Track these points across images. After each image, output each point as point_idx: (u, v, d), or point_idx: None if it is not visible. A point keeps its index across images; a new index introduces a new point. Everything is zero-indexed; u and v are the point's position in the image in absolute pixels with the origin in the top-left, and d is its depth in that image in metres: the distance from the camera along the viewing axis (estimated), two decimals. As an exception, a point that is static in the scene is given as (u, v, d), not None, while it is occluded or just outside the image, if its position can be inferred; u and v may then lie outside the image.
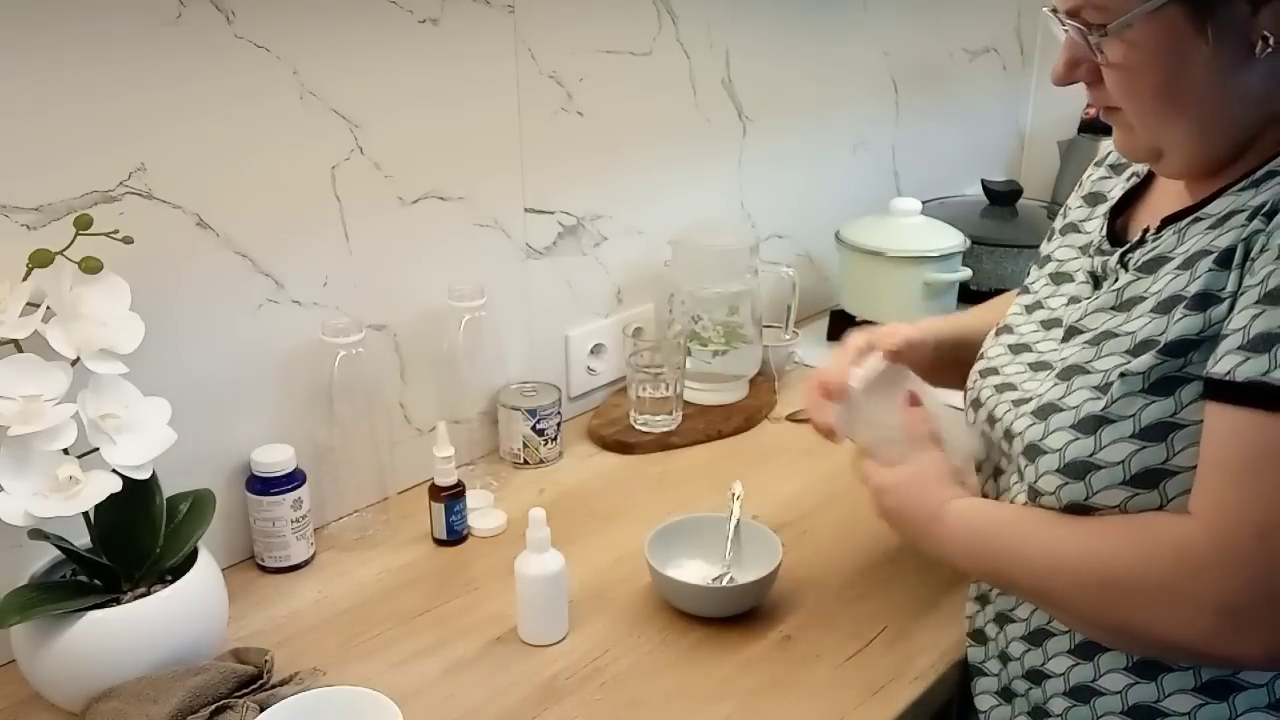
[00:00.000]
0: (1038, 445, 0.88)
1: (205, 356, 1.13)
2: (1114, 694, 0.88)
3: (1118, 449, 0.82)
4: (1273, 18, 0.77)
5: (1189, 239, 0.85)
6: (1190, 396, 0.80)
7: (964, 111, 2.20)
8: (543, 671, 1.03)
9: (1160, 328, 0.82)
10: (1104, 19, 0.80)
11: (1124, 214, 0.98)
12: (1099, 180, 1.04)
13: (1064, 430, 0.86)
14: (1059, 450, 0.85)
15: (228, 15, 1.07)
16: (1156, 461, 0.81)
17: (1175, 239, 0.86)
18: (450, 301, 1.30)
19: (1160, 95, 0.82)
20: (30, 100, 0.97)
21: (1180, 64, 0.79)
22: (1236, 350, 0.76)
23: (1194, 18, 0.77)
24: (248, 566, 1.20)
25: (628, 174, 1.52)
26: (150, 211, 1.06)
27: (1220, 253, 0.80)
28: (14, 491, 0.89)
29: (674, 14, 1.51)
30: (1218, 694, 0.84)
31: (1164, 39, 0.79)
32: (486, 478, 1.36)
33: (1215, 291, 0.79)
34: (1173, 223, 0.87)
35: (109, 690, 0.92)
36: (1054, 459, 0.86)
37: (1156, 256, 0.87)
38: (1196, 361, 0.80)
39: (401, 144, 1.25)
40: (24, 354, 0.92)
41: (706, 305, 1.53)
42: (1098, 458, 0.83)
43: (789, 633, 1.09)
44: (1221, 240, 0.81)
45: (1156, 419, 0.81)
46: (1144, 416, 0.81)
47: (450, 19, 1.25)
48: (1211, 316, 0.79)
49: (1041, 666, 0.93)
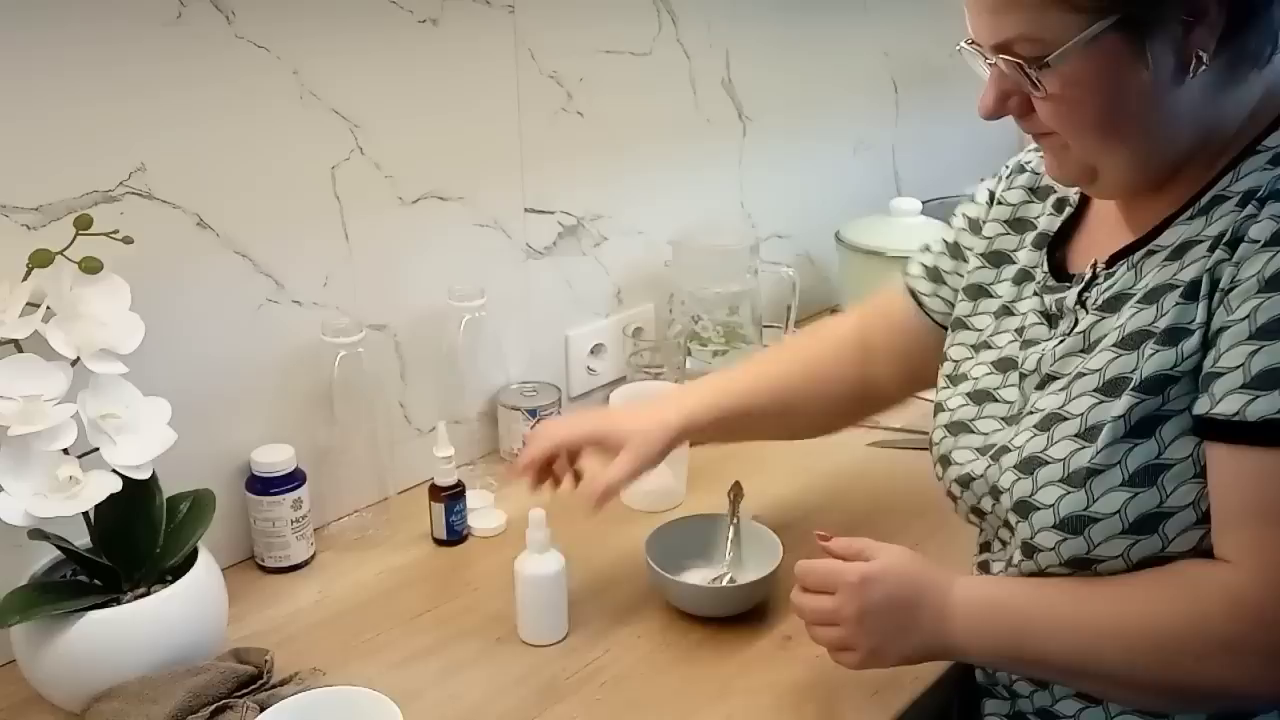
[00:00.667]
0: (1028, 501, 0.85)
1: (205, 356, 1.13)
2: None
3: (1111, 499, 0.81)
4: (1205, 35, 0.77)
5: (1146, 273, 0.84)
6: (1172, 434, 0.80)
7: (964, 111, 2.19)
8: (543, 671, 1.03)
9: (1130, 364, 0.82)
10: (1039, 51, 0.78)
11: (1061, 247, 0.96)
12: (1021, 207, 1.01)
13: (1054, 485, 0.84)
14: (1051, 506, 0.84)
15: (228, 15, 1.07)
16: (1152, 506, 0.80)
17: (1132, 275, 0.85)
18: (450, 301, 1.30)
19: (1101, 122, 0.81)
20: (30, 100, 0.97)
21: (1119, 89, 0.79)
22: (1240, 390, 0.75)
23: (1132, 42, 0.76)
24: (248, 566, 1.20)
25: (628, 174, 1.52)
26: (150, 211, 1.06)
27: (1185, 286, 0.80)
28: (14, 491, 0.89)
29: (674, 14, 1.51)
30: None
31: (1103, 66, 0.78)
32: (486, 478, 1.36)
33: (1185, 324, 0.79)
34: (1124, 257, 0.87)
35: (109, 690, 0.92)
36: (1048, 515, 0.84)
37: (1116, 294, 0.86)
38: (1175, 398, 0.79)
39: (401, 144, 1.25)
40: (24, 354, 0.92)
41: (706, 305, 1.53)
42: (1093, 510, 0.82)
43: (789, 633, 1.08)
44: (1185, 274, 0.81)
45: (1143, 463, 0.80)
46: (1130, 462, 0.80)
47: (450, 19, 1.25)
48: (1184, 350, 0.79)
49: (1051, 708, 0.92)
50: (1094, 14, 0.76)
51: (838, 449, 1.25)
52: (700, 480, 1.35)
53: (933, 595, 0.88)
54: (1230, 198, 0.80)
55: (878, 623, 0.88)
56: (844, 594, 0.89)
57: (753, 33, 1.65)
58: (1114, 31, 0.76)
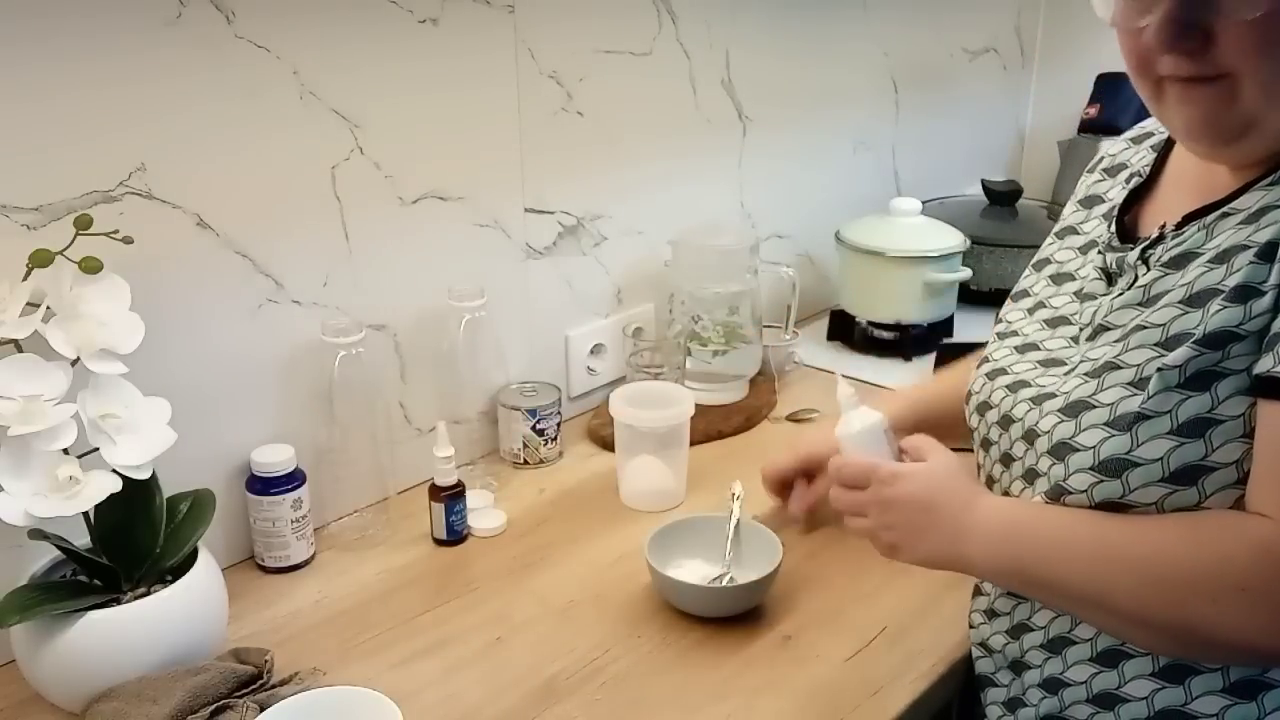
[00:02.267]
0: (1068, 443, 0.86)
1: (205, 356, 1.13)
2: (1140, 700, 0.86)
3: (1155, 446, 0.81)
4: None
5: (1219, 234, 0.84)
6: (1227, 391, 0.79)
7: (964, 111, 2.20)
8: (543, 671, 1.03)
9: (1194, 321, 0.81)
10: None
11: (1129, 213, 0.97)
12: (1093, 185, 1.03)
13: (1098, 428, 0.84)
14: (1093, 448, 0.84)
15: (228, 15, 1.07)
16: (1195, 458, 0.80)
17: (1203, 235, 0.85)
18: (450, 301, 1.30)
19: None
20: (31, 100, 0.97)
21: None
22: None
23: None
24: (248, 566, 1.20)
25: (628, 174, 1.52)
26: (150, 211, 1.06)
27: (1261, 246, 0.79)
28: (14, 491, 0.89)
29: (674, 14, 1.51)
30: (1246, 694, 0.83)
31: None
32: (486, 478, 1.36)
33: (1256, 284, 0.78)
34: (1197, 218, 0.86)
35: (109, 690, 0.92)
36: (1087, 456, 0.84)
37: (1184, 252, 0.86)
38: (1235, 355, 0.79)
39: (401, 144, 1.25)
40: (24, 354, 0.92)
41: (706, 305, 1.53)
42: (1135, 455, 0.82)
43: (789, 633, 1.09)
44: (1261, 235, 0.80)
45: (1194, 415, 0.80)
46: (1181, 412, 0.80)
47: (450, 19, 1.25)
48: (1252, 309, 0.78)
49: (1061, 675, 0.91)
50: None
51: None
52: (700, 480, 1.35)
53: (954, 504, 0.91)
54: None
55: (898, 518, 0.93)
56: (874, 489, 0.94)
57: (753, 33, 1.65)
58: None
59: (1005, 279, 1.81)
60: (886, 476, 0.94)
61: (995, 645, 0.98)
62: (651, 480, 1.31)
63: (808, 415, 1.52)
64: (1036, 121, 2.39)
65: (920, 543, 0.92)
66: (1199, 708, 0.84)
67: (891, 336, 1.74)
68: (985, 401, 0.98)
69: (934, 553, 0.92)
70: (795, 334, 1.64)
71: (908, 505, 0.93)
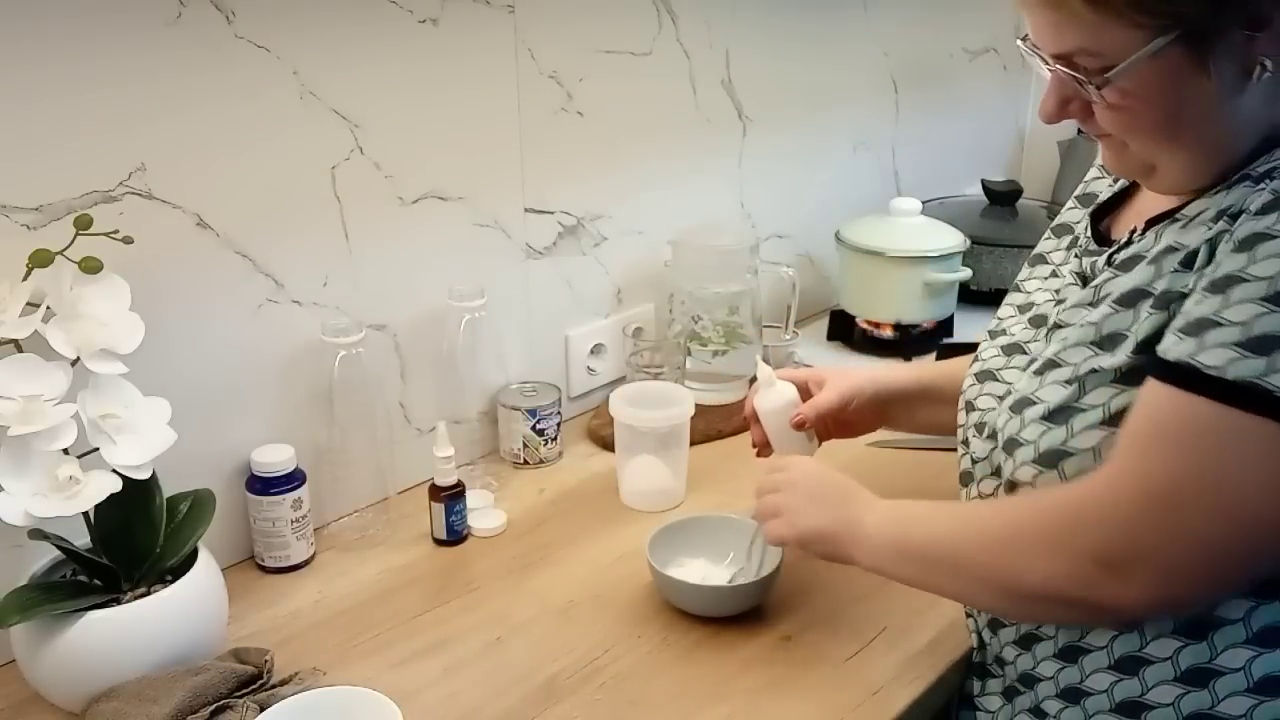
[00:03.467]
0: (1015, 438, 0.89)
1: (205, 356, 1.13)
2: (1101, 693, 0.89)
3: (1088, 436, 0.84)
4: (1269, 42, 0.77)
5: (1162, 238, 0.86)
6: None
7: (964, 111, 2.20)
8: (543, 671, 1.03)
9: (1126, 321, 0.84)
10: (1100, 64, 0.79)
11: (1110, 215, 0.99)
12: (1093, 180, 1.05)
13: (1036, 422, 0.87)
14: (1034, 442, 0.87)
15: (228, 15, 1.07)
16: None
17: (1152, 238, 0.87)
18: (450, 301, 1.30)
19: (1161, 128, 0.82)
20: (31, 100, 0.97)
21: (1180, 99, 0.80)
22: (1176, 331, 0.78)
23: (1194, 55, 0.77)
24: (248, 566, 1.20)
25: (628, 174, 1.52)
26: (150, 211, 1.06)
27: (1186, 253, 0.82)
28: (14, 491, 0.89)
29: (674, 14, 1.51)
30: (1197, 681, 0.84)
31: (1164, 78, 0.79)
32: (486, 478, 1.36)
33: (1179, 290, 0.81)
34: (1154, 225, 0.88)
35: (109, 690, 0.92)
36: (1029, 450, 0.87)
37: (1133, 255, 0.88)
38: None
39: (401, 144, 1.25)
40: (24, 354, 0.92)
41: (706, 305, 1.53)
42: (1069, 445, 0.85)
43: (789, 633, 1.09)
44: (1187, 238, 0.82)
45: (1126, 405, 0.82)
46: (1113, 405, 0.83)
47: (450, 19, 1.25)
48: (1174, 312, 0.81)
49: (1033, 670, 0.94)
50: (1155, 30, 0.76)
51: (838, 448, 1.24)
52: (700, 480, 1.35)
53: (862, 492, 0.98)
54: (1252, 176, 0.81)
55: (807, 486, 1.00)
56: (794, 467, 1.03)
57: (753, 33, 1.65)
58: (1176, 45, 0.77)
59: (1005, 279, 1.81)
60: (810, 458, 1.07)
61: (985, 639, 1.00)
62: (651, 480, 1.31)
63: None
64: (1036, 121, 2.37)
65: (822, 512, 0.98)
66: (1155, 698, 0.86)
67: (891, 336, 1.74)
68: (970, 403, 1.01)
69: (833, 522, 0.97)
70: (795, 334, 1.64)
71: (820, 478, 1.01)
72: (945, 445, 1.43)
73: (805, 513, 0.99)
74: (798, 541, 0.99)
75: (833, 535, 0.97)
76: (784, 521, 1.00)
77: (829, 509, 0.98)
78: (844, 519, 0.96)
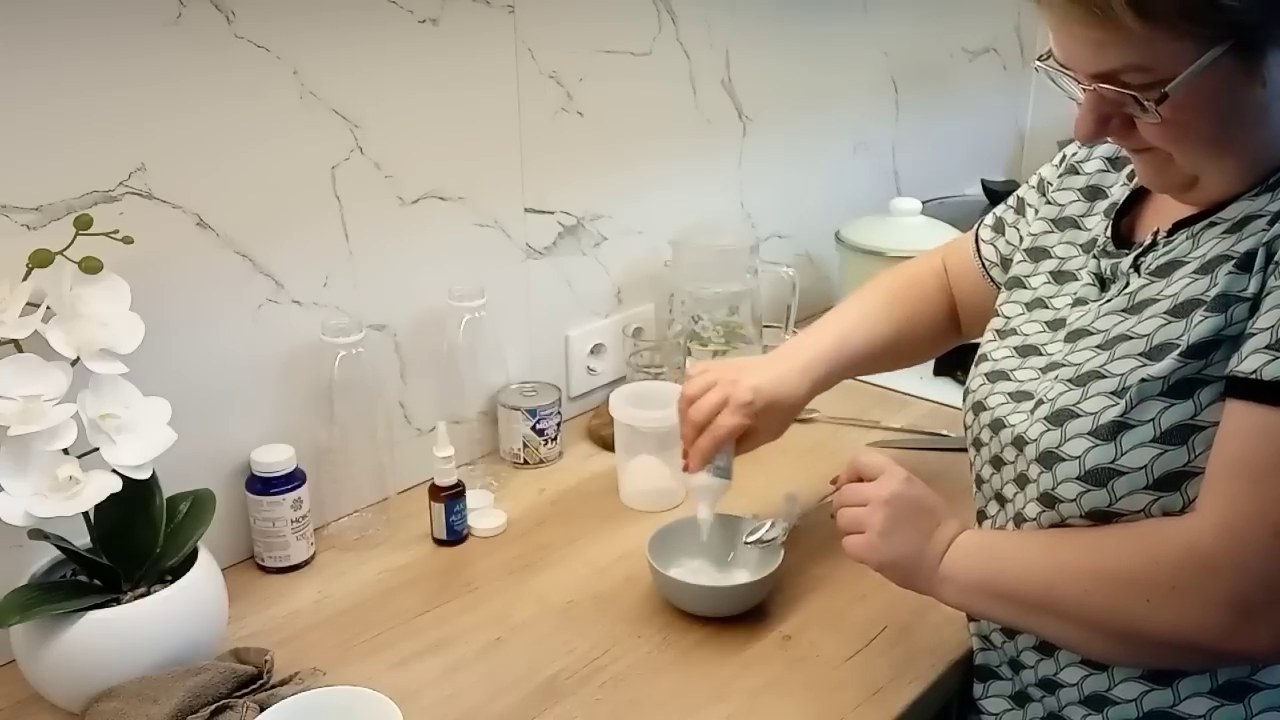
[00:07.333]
0: (1054, 452, 0.86)
1: (205, 356, 1.13)
2: (1129, 702, 0.88)
3: (1139, 454, 0.82)
4: None
5: (1204, 243, 0.84)
6: (1209, 398, 0.80)
7: (964, 111, 2.20)
8: (543, 671, 1.03)
9: (1177, 331, 0.82)
10: (1149, 79, 0.77)
11: (1127, 215, 0.97)
12: (1098, 173, 1.02)
13: (1082, 437, 0.85)
14: (1078, 457, 0.84)
15: (228, 15, 1.07)
16: (1178, 464, 0.81)
17: (1190, 243, 0.86)
18: (450, 301, 1.30)
19: (1213, 138, 0.81)
20: (31, 100, 0.97)
21: (1233, 108, 0.78)
22: (1264, 350, 0.76)
23: (1246, 63, 0.76)
24: (248, 566, 1.20)
25: (628, 174, 1.52)
26: (150, 211, 1.06)
27: (1240, 257, 0.80)
28: (14, 491, 0.89)
29: (674, 14, 1.51)
30: (1234, 695, 0.84)
31: (1217, 89, 0.77)
32: (486, 478, 1.36)
33: (1236, 293, 0.79)
34: (1185, 226, 0.87)
35: (109, 690, 0.92)
36: (1073, 466, 0.85)
37: (1171, 261, 0.86)
38: (1216, 362, 0.79)
39: (401, 144, 1.25)
40: (24, 354, 0.92)
41: (706, 305, 1.53)
42: (1119, 464, 0.82)
43: (789, 633, 1.09)
44: (1241, 245, 0.81)
45: (1176, 422, 0.81)
46: (1164, 420, 0.81)
47: (450, 19, 1.25)
48: (1232, 316, 0.79)
49: (1055, 676, 0.93)
50: (1205, 41, 0.75)
51: (838, 448, 1.25)
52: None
53: (948, 522, 0.93)
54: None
55: (897, 509, 0.94)
56: (886, 480, 0.96)
57: (753, 33, 1.65)
58: (1228, 55, 0.75)
59: (1005, 279, 1.81)
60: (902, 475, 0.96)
61: (996, 641, 0.99)
62: (651, 480, 1.31)
63: (808, 415, 1.52)
64: (1036, 121, 2.39)
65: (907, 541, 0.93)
66: (1187, 709, 0.85)
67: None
68: (980, 403, 0.98)
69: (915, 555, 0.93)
70: (795, 334, 1.64)
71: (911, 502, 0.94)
72: (945, 445, 1.43)
73: (889, 538, 0.94)
74: (875, 567, 0.95)
75: (914, 569, 0.93)
76: (864, 542, 0.95)
77: (914, 539, 0.93)
78: (927, 553, 0.93)
